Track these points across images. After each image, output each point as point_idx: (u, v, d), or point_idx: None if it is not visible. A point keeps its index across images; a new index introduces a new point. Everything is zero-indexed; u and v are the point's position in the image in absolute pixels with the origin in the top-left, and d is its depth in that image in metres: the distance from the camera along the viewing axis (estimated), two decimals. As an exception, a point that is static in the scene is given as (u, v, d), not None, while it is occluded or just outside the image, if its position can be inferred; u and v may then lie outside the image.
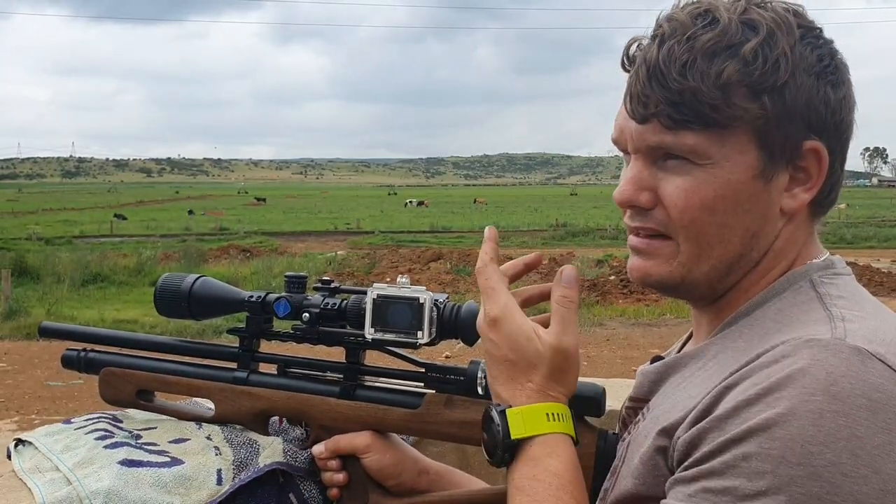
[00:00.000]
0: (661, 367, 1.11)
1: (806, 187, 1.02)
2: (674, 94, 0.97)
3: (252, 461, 1.31)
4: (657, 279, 1.06)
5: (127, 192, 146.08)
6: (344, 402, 1.33)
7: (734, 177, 0.99)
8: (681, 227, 1.02)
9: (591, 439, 1.21)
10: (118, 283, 19.50)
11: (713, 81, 0.96)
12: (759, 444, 0.84)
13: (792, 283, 1.03)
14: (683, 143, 0.99)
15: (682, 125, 0.98)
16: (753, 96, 0.97)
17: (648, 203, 1.04)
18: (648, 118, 1.00)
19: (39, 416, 8.01)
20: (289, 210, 67.38)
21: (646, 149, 1.03)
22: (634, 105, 1.01)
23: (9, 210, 63.30)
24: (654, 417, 1.03)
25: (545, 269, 20.11)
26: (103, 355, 1.47)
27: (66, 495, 1.21)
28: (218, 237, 35.13)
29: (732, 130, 0.98)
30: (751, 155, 0.99)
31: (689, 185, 1.00)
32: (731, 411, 0.88)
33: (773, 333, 0.96)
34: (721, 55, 0.96)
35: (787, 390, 0.85)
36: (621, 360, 10.82)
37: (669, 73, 0.97)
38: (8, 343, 12.35)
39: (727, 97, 0.96)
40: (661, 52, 0.99)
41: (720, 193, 0.99)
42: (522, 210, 65.04)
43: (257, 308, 1.36)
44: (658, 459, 0.97)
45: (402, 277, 1.28)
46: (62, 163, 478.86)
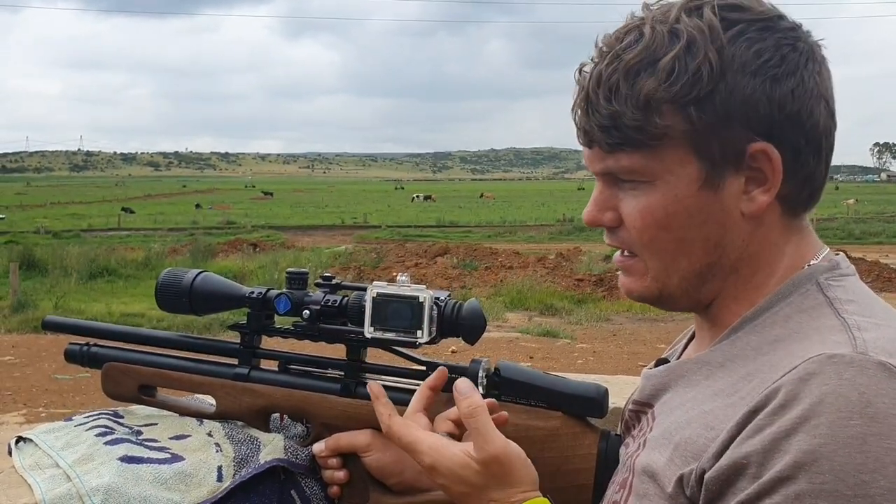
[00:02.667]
0: (665, 371, 1.10)
1: (763, 189, 0.99)
2: (603, 118, 0.98)
3: (253, 458, 1.31)
4: (638, 294, 1.08)
5: (134, 185, 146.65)
6: (345, 399, 1.33)
7: (679, 191, 0.99)
8: (641, 245, 1.03)
9: (592, 440, 1.20)
10: (126, 276, 19.55)
11: (634, 102, 0.95)
12: (808, 479, 0.81)
13: (798, 286, 1.00)
14: (621, 165, 1.00)
15: (617, 148, 0.99)
16: (677, 110, 0.95)
17: (612, 222, 1.06)
18: (591, 144, 1.03)
19: (47, 408, 8.05)
20: (296, 204, 67.55)
21: (598, 172, 1.05)
22: (580, 132, 1.04)
23: (17, 203, 63.59)
24: (665, 432, 1.00)
25: (552, 265, 20.14)
26: (106, 350, 1.47)
27: (66, 492, 1.21)
28: (225, 231, 35.22)
29: (665, 146, 0.97)
30: (691, 167, 0.98)
31: (642, 205, 1.01)
32: (769, 444, 0.84)
33: (783, 341, 0.94)
34: (644, 73, 0.95)
35: (823, 417, 0.82)
36: (628, 355, 10.81)
37: (598, 100, 0.98)
38: (16, 336, 12.39)
39: (648, 116, 0.95)
40: (591, 79, 1.00)
41: (670, 210, 0.99)
42: (529, 205, 65.06)
43: (258, 304, 1.36)
44: (675, 486, 0.94)
45: (402, 275, 1.27)
46: (70, 156, 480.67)
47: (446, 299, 1.25)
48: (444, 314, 1.24)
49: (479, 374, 1.25)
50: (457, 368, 1.28)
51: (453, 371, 1.29)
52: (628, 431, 1.14)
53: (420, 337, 1.23)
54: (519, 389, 1.25)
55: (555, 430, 1.22)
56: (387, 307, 1.24)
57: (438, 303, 1.24)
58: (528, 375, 1.26)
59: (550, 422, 1.22)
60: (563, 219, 40.69)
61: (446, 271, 19.25)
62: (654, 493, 0.96)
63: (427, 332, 1.23)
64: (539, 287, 16.69)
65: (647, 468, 0.99)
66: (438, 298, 1.24)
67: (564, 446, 1.21)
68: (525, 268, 19.89)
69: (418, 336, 1.23)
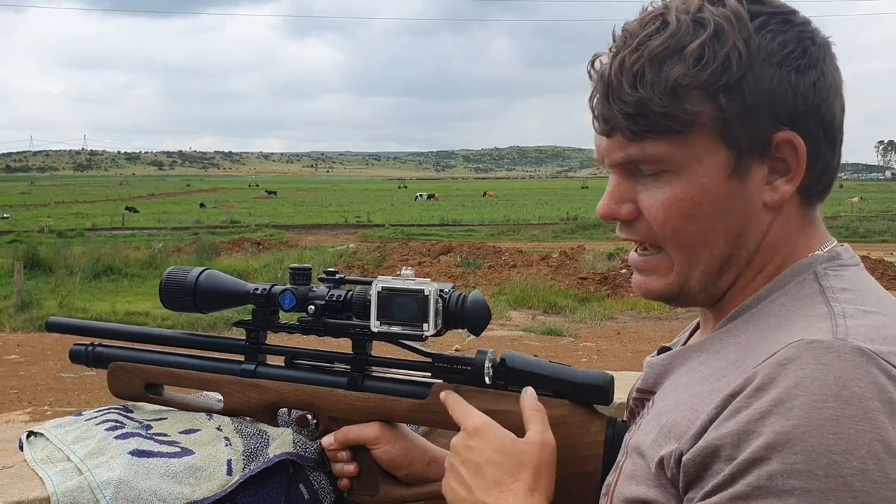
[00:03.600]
0: (666, 359, 1.11)
1: (787, 178, 0.99)
2: (628, 106, 0.97)
3: (262, 452, 1.32)
4: (658, 292, 1.07)
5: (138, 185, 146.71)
6: (352, 393, 1.34)
7: (707, 180, 0.98)
8: (664, 238, 1.02)
9: (599, 427, 1.22)
10: (130, 275, 19.56)
11: (662, 88, 0.95)
12: (781, 459, 0.82)
13: (795, 275, 1.01)
14: (647, 153, 0.99)
15: (642, 136, 0.98)
16: (707, 97, 0.95)
17: (629, 215, 1.04)
18: (611, 133, 1.01)
19: (52, 407, 8.06)
20: (299, 203, 67.52)
21: (618, 161, 1.03)
22: (599, 121, 1.02)
23: (21, 203, 63.64)
24: (655, 415, 1.02)
25: (555, 263, 20.13)
26: (111, 349, 1.48)
27: (77, 485, 1.22)
28: (229, 230, 35.21)
29: (694, 134, 0.97)
30: (720, 155, 0.97)
31: (666, 196, 1.00)
32: (745, 425, 0.85)
33: (774, 329, 0.95)
34: (670, 60, 0.95)
35: (798, 399, 0.83)
36: (632, 353, 10.81)
37: (622, 86, 0.97)
38: (21, 335, 12.41)
39: (677, 102, 0.95)
40: (613, 66, 0.98)
41: (697, 200, 0.99)
42: (533, 203, 64.96)
43: (263, 300, 1.37)
44: (656, 466, 0.95)
45: (407, 269, 1.28)
46: (74, 156, 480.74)
47: (450, 292, 1.26)
48: (449, 306, 1.25)
49: (486, 364, 1.27)
50: (463, 359, 1.30)
51: (459, 362, 1.30)
52: (633, 418, 1.15)
53: (426, 330, 1.24)
54: (525, 378, 1.26)
55: (562, 418, 1.23)
56: (392, 301, 1.25)
57: (443, 295, 1.25)
58: (534, 365, 1.27)
59: (557, 410, 1.23)
60: (567, 217, 40.65)
61: (450, 270, 19.24)
62: (641, 474, 0.98)
63: (433, 324, 1.24)
64: (543, 285, 16.67)
65: (637, 448, 1.01)
66: (443, 291, 1.25)
67: (571, 434, 1.22)
68: (528, 266, 19.87)
69: (424, 329, 1.24)
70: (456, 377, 1.30)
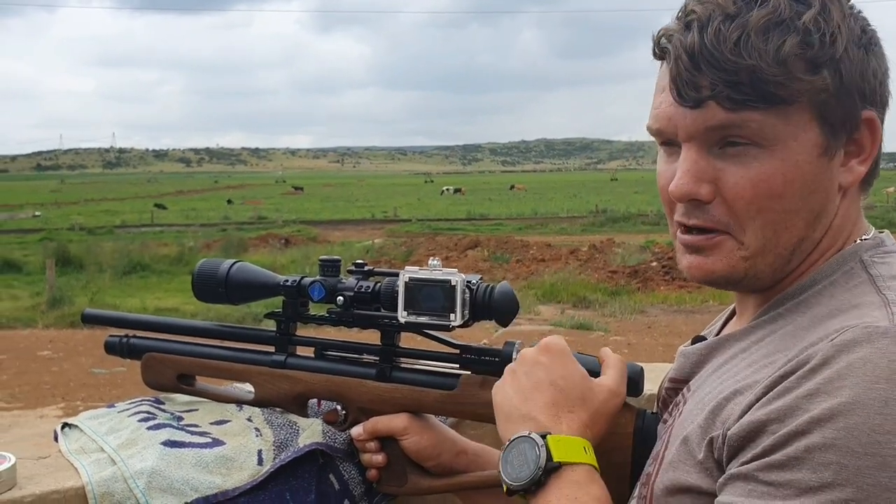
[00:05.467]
0: (702, 348, 1.09)
1: (861, 159, 1.00)
2: (730, 73, 0.93)
3: (292, 442, 1.33)
4: (721, 275, 1.02)
5: (166, 181, 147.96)
6: (381, 384, 1.34)
7: (801, 157, 0.95)
8: (747, 219, 0.98)
9: (629, 418, 1.21)
10: (159, 271, 19.79)
11: (773, 57, 0.92)
12: (822, 434, 0.81)
13: (842, 264, 1.00)
14: (749, 122, 0.94)
15: (744, 105, 0.94)
16: (813, 70, 0.94)
17: (709, 196, 0.99)
18: (703, 101, 0.96)
19: (84, 402, 8.16)
20: (326, 199, 67.80)
21: (703, 134, 0.98)
22: (685, 90, 0.96)
23: (52, 201, 64.47)
24: (699, 402, 1.00)
25: (585, 257, 20.07)
26: (145, 341, 1.49)
27: (111, 475, 1.24)
28: (256, 226, 35.44)
29: (795, 107, 0.94)
30: (813, 132, 0.96)
31: (756, 172, 0.96)
32: (792, 402, 0.85)
33: (825, 319, 0.93)
34: (775, 30, 0.93)
35: (849, 379, 0.83)
36: (663, 347, 10.74)
37: (722, 53, 0.93)
38: (53, 331, 12.58)
39: (788, 72, 0.93)
40: (705, 35, 0.94)
41: (789, 178, 0.96)
42: (561, 196, 64.71)
43: (293, 292, 1.38)
44: (706, 450, 0.93)
45: (434, 260, 1.28)
46: (103, 153, 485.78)
47: (478, 283, 1.26)
48: (477, 297, 1.25)
49: (514, 355, 1.26)
50: (491, 351, 1.29)
51: (487, 353, 1.29)
52: (665, 409, 1.14)
53: (453, 320, 1.24)
54: None
55: None
56: (420, 291, 1.26)
57: (470, 286, 1.25)
58: None
59: None
60: (596, 210, 40.49)
61: (477, 264, 19.25)
62: (684, 461, 0.96)
63: (460, 315, 1.24)
64: (572, 279, 16.64)
65: (680, 436, 0.99)
66: (470, 282, 1.25)
67: None
68: (557, 260, 19.84)
69: (451, 319, 1.24)
70: (484, 368, 1.30)
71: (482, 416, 1.30)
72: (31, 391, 8.81)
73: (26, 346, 11.26)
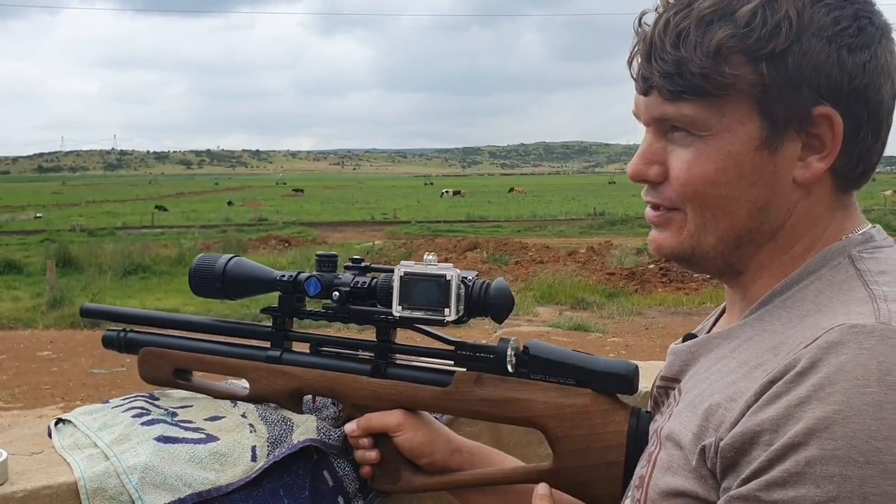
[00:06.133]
0: (692, 346, 1.08)
1: (821, 156, 0.97)
2: (668, 65, 0.96)
3: (286, 438, 1.32)
4: (669, 250, 1.06)
5: (167, 183, 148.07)
6: (375, 380, 1.34)
7: (735, 148, 0.97)
8: (685, 199, 1.01)
9: (623, 417, 1.20)
10: (159, 273, 19.76)
11: (704, 50, 0.94)
12: (820, 445, 0.79)
13: (829, 259, 0.98)
14: (682, 114, 0.98)
15: (678, 96, 0.97)
16: (750, 63, 0.94)
17: (657, 177, 1.03)
18: (649, 91, 1.01)
19: (83, 402, 8.13)
20: (326, 200, 67.80)
21: (652, 120, 1.02)
22: (638, 78, 1.02)
23: (53, 202, 64.49)
24: (690, 404, 0.99)
25: (583, 259, 20.08)
26: (142, 335, 1.49)
27: (104, 470, 1.24)
28: (257, 227, 35.43)
29: (730, 99, 0.95)
30: (752, 124, 0.96)
31: (691, 157, 0.99)
32: (784, 411, 0.83)
33: (812, 315, 0.92)
34: (717, 22, 0.94)
35: (839, 384, 0.81)
36: (660, 348, 10.73)
37: (664, 45, 0.96)
38: (53, 332, 12.56)
39: (718, 65, 0.93)
40: (658, 25, 0.98)
41: (721, 165, 0.97)
42: (560, 199, 64.75)
43: (289, 287, 1.37)
44: (698, 458, 0.92)
45: (429, 255, 1.27)
46: (104, 155, 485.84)
47: (474, 279, 1.26)
48: (473, 294, 1.24)
49: (508, 352, 1.26)
50: (485, 347, 1.29)
51: (481, 350, 1.29)
52: (657, 408, 1.13)
53: (448, 315, 1.24)
54: (548, 367, 1.25)
55: (584, 408, 1.22)
56: (415, 286, 1.25)
57: (466, 282, 1.25)
58: (557, 353, 1.26)
59: (580, 399, 1.23)
60: (594, 213, 40.49)
61: (476, 266, 19.19)
62: (679, 465, 0.95)
63: (454, 310, 1.23)
64: (570, 281, 16.61)
65: (671, 438, 0.98)
66: (466, 278, 1.25)
67: (594, 424, 1.21)
68: (556, 262, 19.83)
69: (446, 314, 1.24)
70: (479, 365, 1.29)
71: (477, 414, 1.30)
72: (31, 391, 8.80)
73: (26, 346, 11.25)
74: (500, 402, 1.26)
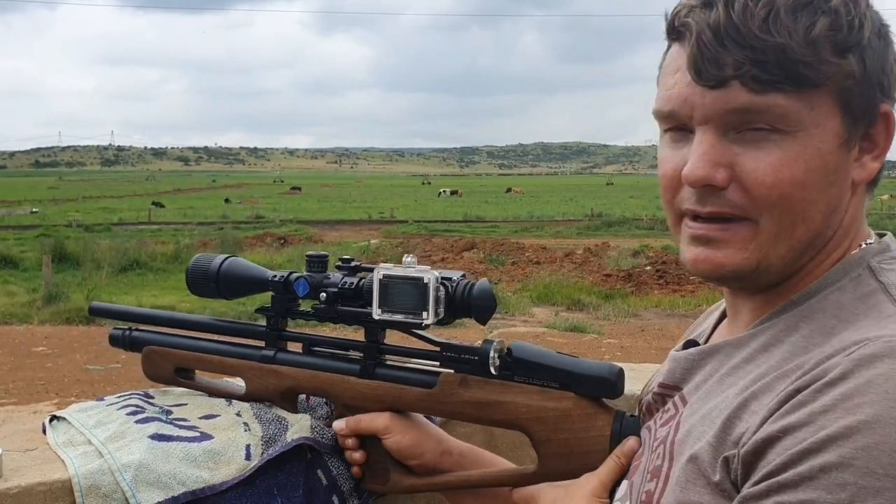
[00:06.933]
0: (695, 354, 1.05)
1: (874, 155, 0.95)
2: (757, 52, 0.88)
3: (280, 437, 1.33)
4: (732, 269, 0.96)
5: (165, 180, 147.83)
6: (363, 381, 1.34)
7: (824, 146, 0.91)
8: (766, 205, 0.92)
9: (605, 421, 1.18)
10: (156, 269, 19.75)
11: (803, 36, 0.88)
12: (839, 453, 0.77)
13: (848, 270, 0.95)
14: (774, 106, 0.90)
15: (771, 86, 0.89)
16: (839, 54, 0.90)
17: (725, 181, 0.93)
18: (726, 81, 0.90)
19: (78, 399, 8.11)
20: (323, 199, 67.73)
21: (722, 116, 0.93)
22: (707, 68, 0.91)
23: (50, 197, 64.40)
24: (706, 417, 0.95)
25: (579, 260, 20.09)
26: (145, 334, 1.51)
27: (98, 467, 1.24)
28: (254, 225, 35.39)
29: (821, 93, 0.90)
30: (835, 120, 0.92)
31: (777, 157, 0.91)
32: (806, 417, 0.81)
33: (838, 328, 0.90)
34: (804, 10, 0.89)
35: (869, 395, 0.79)
36: (656, 350, 10.74)
37: (749, 30, 0.88)
38: (48, 327, 12.54)
39: (818, 53, 0.89)
40: (732, 11, 0.90)
41: (811, 165, 0.91)
42: (557, 200, 64.74)
43: (281, 287, 1.38)
44: (721, 471, 0.88)
45: (409, 257, 1.27)
46: (101, 151, 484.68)
47: (458, 280, 1.25)
48: (455, 295, 1.24)
49: (491, 353, 1.25)
50: (470, 349, 1.28)
51: (466, 351, 1.28)
52: (650, 414, 1.11)
53: (426, 318, 1.23)
54: (531, 370, 1.23)
55: (566, 411, 1.20)
56: (394, 288, 1.25)
57: (447, 283, 1.24)
58: (541, 355, 1.24)
59: (562, 402, 1.21)
60: (592, 214, 40.48)
61: (473, 266, 19.23)
62: (695, 481, 0.91)
63: (433, 312, 1.23)
64: (566, 282, 16.64)
65: (687, 454, 0.94)
66: (449, 279, 1.24)
67: (576, 427, 1.19)
68: (552, 263, 19.84)
69: (424, 317, 1.23)
70: (463, 367, 1.28)
71: (461, 416, 1.29)
72: (26, 387, 8.79)
73: (21, 341, 11.22)
74: (484, 405, 1.25)
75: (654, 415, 1.10)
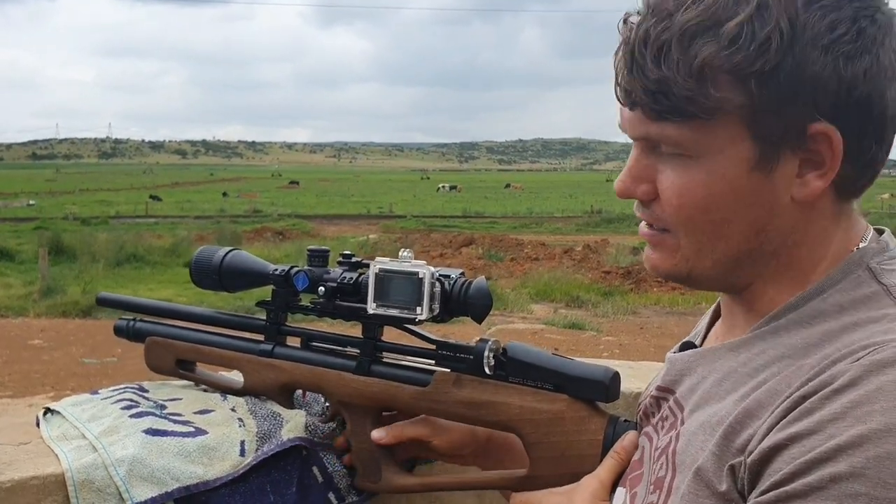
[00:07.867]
0: (690, 357, 1.04)
1: (819, 173, 0.90)
2: (650, 83, 0.88)
3: (275, 433, 1.31)
4: (665, 271, 1.01)
5: (162, 173, 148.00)
6: (358, 377, 1.32)
7: (729, 172, 0.90)
8: (677, 223, 0.95)
9: (598, 425, 1.16)
10: (153, 263, 19.76)
11: (687, 70, 0.86)
12: (850, 463, 0.75)
13: (847, 272, 0.93)
14: (667, 135, 0.91)
15: (662, 117, 0.90)
16: (737, 82, 0.86)
17: (646, 196, 0.97)
18: (633, 107, 0.93)
19: (74, 392, 8.11)
20: (322, 193, 67.84)
21: (639, 137, 0.96)
22: (620, 92, 0.94)
23: (47, 190, 64.41)
24: (704, 425, 0.93)
25: (579, 257, 20.10)
26: (148, 325, 1.51)
27: (91, 462, 1.22)
28: (252, 219, 35.41)
29: (718, 121, 0.88)
30: (744, 145, 0.89)
31: (683, 181, 0.92)
32: (814, 426, 0.79)
33: (841, 334, 0.87)
34: (701, 36, 0.85)
35: (878, 404, 0.77)
36: (655, 348, 10.74)
37: (644, 60, 0.88)
38: (45, 320, 12.54)
39: (703, 87, 0.86)
40: (637, 36, 0.89)
41: (714, 191, 0.91)
42: (557, 196, 64.85)
43: (281, 281, 1.37)
44: (728, 481, 0.86)
45: (405, 251, 1.26)
46: (99, 143, 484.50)
47: (456, 278, 1.24)
48: (452, 293, 1.22)
49: (486, 353, 1.23)
50: (465, 348, 1.27)
51: (461, 350, 1.27)
52: (647, 418, 1.08)
53: (419, 313, 1.22)
54: (525, 371, 1.21)
55: (559, 414, 1.18)
56: (389, 283, 1.24)
57: (443, 280, 1.23)
58: (535, 357, 1.22)
59: (555, 405, 1.18)
60: (591, 210, 40.57)
61: (471, 262, 19.25)
62: (698, 493, 0.89)
63: (427, 308, 1.21)
64: (565, 279, 16.65)
65: (690, 466, 0.91)
66: (446, 276, 1.23)
67: (569, 431, 1.17)
68: (551, 259, 19.87)
69: (418, 312, 1.22)
70: (458, 366, 1.26)
71: (454, 415, 1.27)
72: (21, 380, 8.79)
73: (17, 334, 11.23)
74: (477, 405, 1.23)
75: (651, 419, 1.07)
